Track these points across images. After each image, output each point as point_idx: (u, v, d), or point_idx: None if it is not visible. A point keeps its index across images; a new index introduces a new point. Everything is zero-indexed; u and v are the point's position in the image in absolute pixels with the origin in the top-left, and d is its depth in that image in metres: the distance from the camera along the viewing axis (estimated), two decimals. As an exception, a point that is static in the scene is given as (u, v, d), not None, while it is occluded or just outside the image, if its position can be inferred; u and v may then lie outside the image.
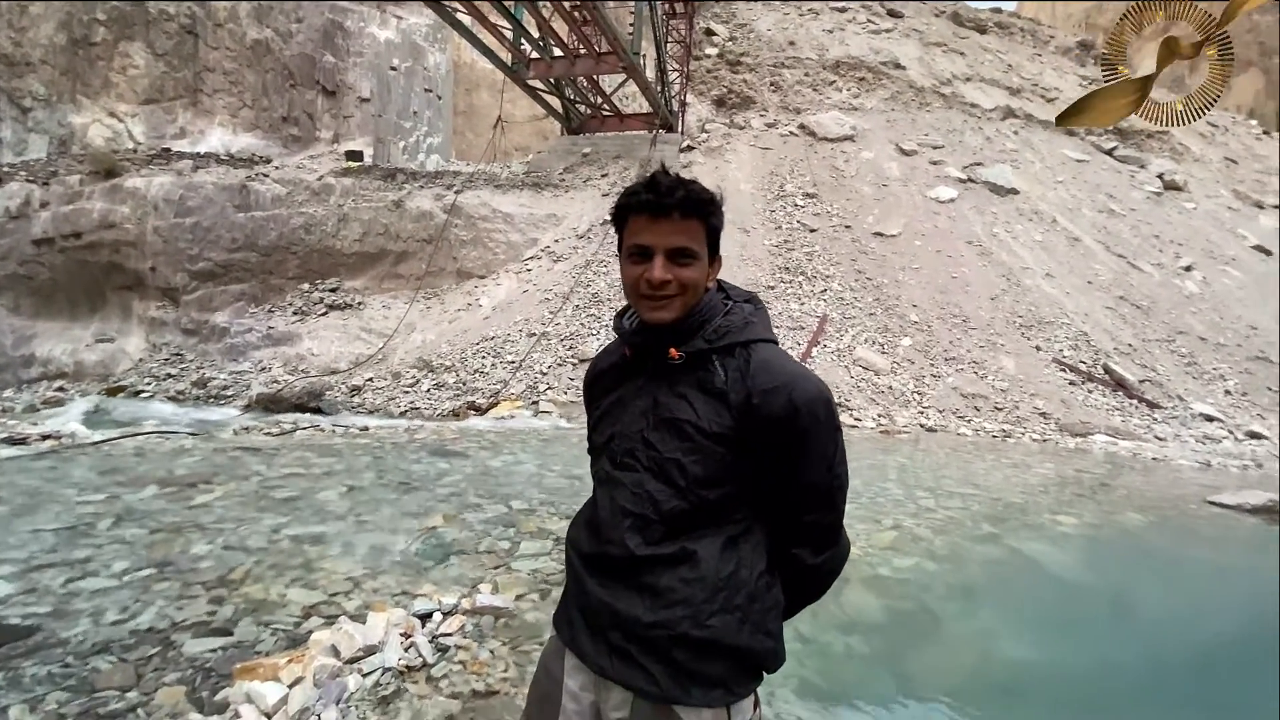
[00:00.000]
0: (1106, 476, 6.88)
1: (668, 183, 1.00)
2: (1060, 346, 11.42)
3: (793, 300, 11.73)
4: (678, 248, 1.00)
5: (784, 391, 0.98)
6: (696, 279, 1.01)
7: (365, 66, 16.93)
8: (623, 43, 12.66)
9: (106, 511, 3.48)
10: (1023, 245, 14.15)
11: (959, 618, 3.31)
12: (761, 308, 1.11)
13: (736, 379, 1.00)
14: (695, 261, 1.01)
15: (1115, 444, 8.75)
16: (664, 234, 1.00)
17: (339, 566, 2.94)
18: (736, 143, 16.53)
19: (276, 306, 12.15)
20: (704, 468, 0.99)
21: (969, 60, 22.51)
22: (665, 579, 0.99)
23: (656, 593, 0.99)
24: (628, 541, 1.01)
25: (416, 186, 13.21)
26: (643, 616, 0.99)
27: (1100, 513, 5.33)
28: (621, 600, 1.01)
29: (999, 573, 3.91)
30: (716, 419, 0.99)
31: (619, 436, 1.07)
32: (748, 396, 0.98)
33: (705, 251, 1.02)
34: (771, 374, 0.99)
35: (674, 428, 1.01)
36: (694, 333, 1.03)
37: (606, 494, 1.06)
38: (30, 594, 2.58)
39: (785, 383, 0.99)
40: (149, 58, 15.39)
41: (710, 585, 0.99)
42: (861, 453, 6.92)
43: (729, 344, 1.02)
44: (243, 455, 4.99)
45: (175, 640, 2.25)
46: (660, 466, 1.01)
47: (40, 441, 5.32)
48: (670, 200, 0.99)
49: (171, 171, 12.50)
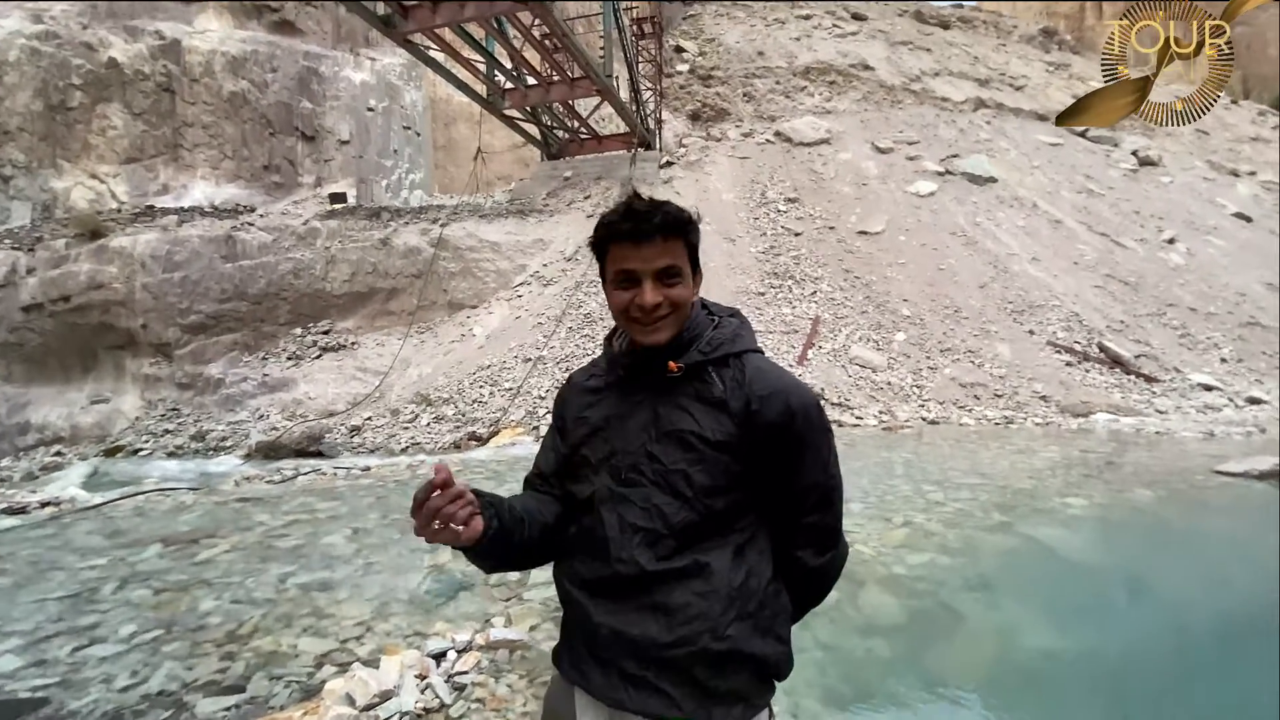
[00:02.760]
0: (1112, 455, 6.87)
1: (644, 207, 1.01)
2: (1053, 329, 11.47)
3: (784, 304, 11.78)
4: (664, 268, 1.01)
5: (781, 397, 1.01)
6: (686, 296, 1.03)
7: (343, 109, 17.10)
8: (594, 66, 12.83)
9: (110, 575, 3.44)
10: (1006, 232, 14.28)
11: (978, 611, 3.27)
12: (746, 321, 1.14)
13: (735, 387, 1.02)
14: (682, 280, 1.03)
15: (1117, 421, 8.76)
16: (649, 257, 1.01)
17: (349, 611, 2.91)
18: (715, 154, 16.71)
19: (270, 353, 12.13)
20: (710, 476, 1.00)
21: (936, 56, 22.88)
22: (679, 594, 0.98)
23: (670, 610, 0.98)
24: (639, 558, 0.99)
25: (402, 223, 13.27)
26: (659, 637, 0.97)
27: (1109, 492, 5.32)
28: (634, 625, 0.99)
29: (1014, 562, 3.89)
30: (718, 427, 1.00)
31: (621, 453, 1.05)
32: (747, 403, 1.00)
33: (689, 269, 1.04)
34: (768, 381, 1.03)
35: (677, 439, 1.01)
36: (688, 347, 1.05)
37: (611, 511, 1.03)
38: (38, 665, 2.54)
39: (782, 388, 1.02)
40: (127, 118, 15.49)
41: (724, 596, 0.99)
42: (865, 450, 6.90)
43: (723, 355, 1.04)
44: (245, 506, 4.95)
45: (188, 702, 2.21)
46: (666, 479, 1.01)
47: (40, 509, 5.27)
48: (650, 225, 1.00)
49: (157, 228, 12.53)
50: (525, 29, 12.05)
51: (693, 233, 1.04)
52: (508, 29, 12.03)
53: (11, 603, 3.15)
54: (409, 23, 11.01)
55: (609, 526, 1.03)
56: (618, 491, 1.04)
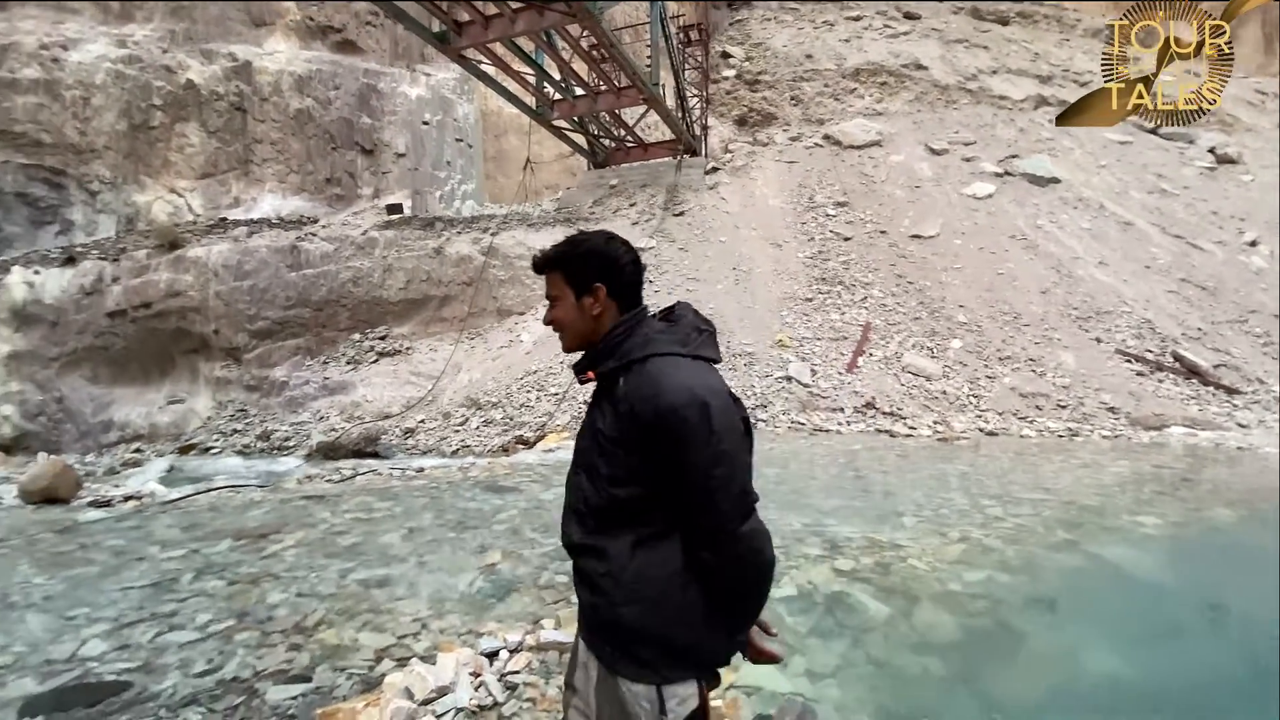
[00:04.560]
0: (1188, 471, 6.47)
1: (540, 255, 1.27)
2: (1123, 336, 10.89)
3: (832, 310, 11.57)
4: (549, 296, 1.26)
5: (652, 400, 1.09)
6: (562, 317, 1.25)
7: (399, 124, 17.74)
8: (642, 76, 12.94)
9: (188, 566, 3.66)
10: (1070, 235, 13.65)
11: (1040, 632, 3.14)
12: (680, 323, 1.22)
13: (627, 390, 1.14)
14: (560, 302, 1.25)
15: (1194, 435, 8.24)
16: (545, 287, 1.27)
17: (406, 608, 3.01)
18: (762, 159, 16.58)
19: (330, 358, 12.66)
20: (610, 468, 1.15)
21: (993, 53, 22.11)
22: (589, 566, 1.18)
23: (584, 578, 1.20)
24: (571, 531, 1.23)
25: (454, 232, 13.67)
26: (583, 598, 1.21)
27: (1185, 510, 5.02)
28: (577, 579, 1.23)
29: (1080, 582, 3.71)
30: (614, 425, 1.14)
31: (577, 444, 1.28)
32: (631, 405, 1.11)
33: (570, 292, 1.23)
34: (650, 383, 1.11)
35: (592, 433, 1.20)
36: (606, 356, 1.20)
37: (568, 489, 1.28)
38: (122, 650, 2.71)
39: (657, 391, 1.09)
40: (203, 136, 16.49)
41: (616, 579, 1.13)
42: (919, 462, 6.70)
43: (628, 361, 1.16)
44: (308, 504, 5.17)
45: (259, 689, 2.33)
46: (587, 467, 1.20)
47: (124, 503, 5.64)
48: (535, 267, 1.28)
49: (229, 239, 13.28)
50: (574, 41, 12.26)
51: (567, 263, 1.23)
52: (556, 41, 12.26)
53: (98, 590, 3.38)
54: (462, 39, 11.35)
55: (566, 502, 1.28)
56: (570, 475, 1.27)
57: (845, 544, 3.96)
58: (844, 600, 3.19)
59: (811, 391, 9.79)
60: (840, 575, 3.49)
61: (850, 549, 3.88)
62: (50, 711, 2.23)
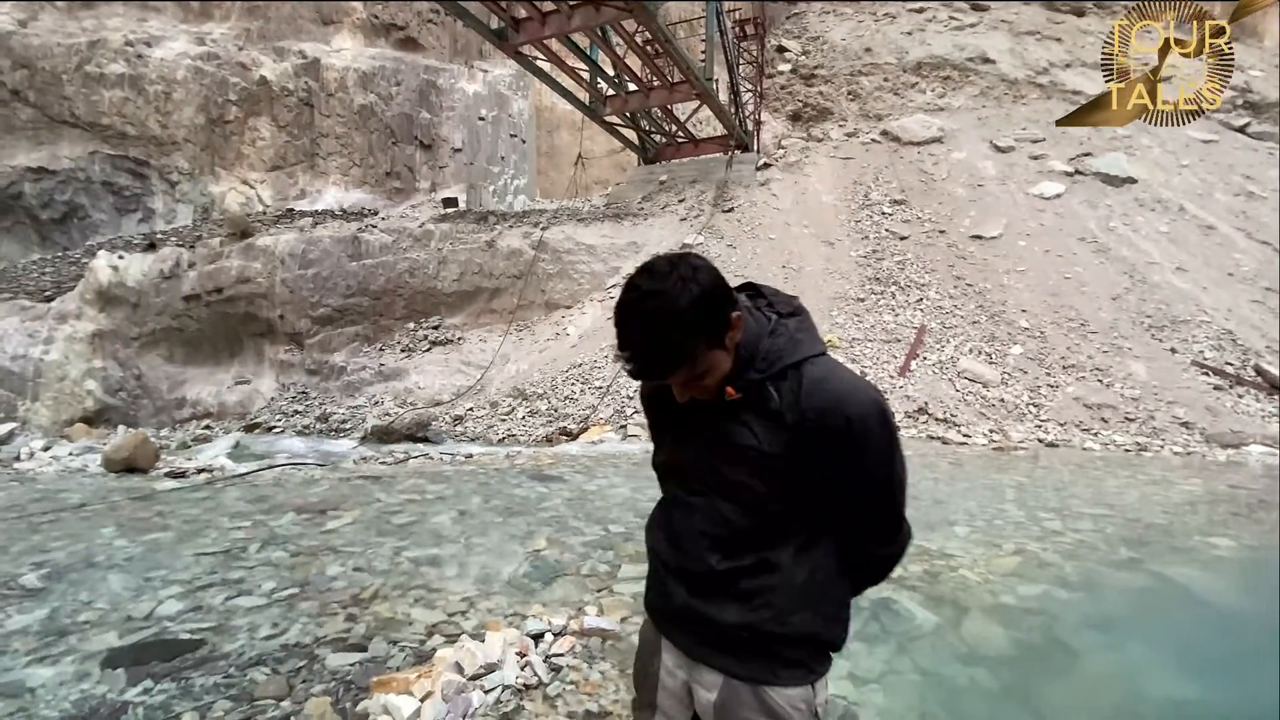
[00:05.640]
0: (1266, 492, 6.06)
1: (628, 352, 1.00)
2: (1200, 347, 10.25)
3: (885, 312, 11.29)
4: (681, 382, 1.06)
5: (838, 410, 1.02)
6: (719, 373, 1.05)
7: (456, 119, 18.19)
8: (695, 71, 12.88)
9: (254, 536, 3.87)
10: (1146, 238, 12.92)
11: (1099, 651, 3.01)
12: (805, 317, 1.13)
13: (791, 401, 1.04)
14: (710, 371, 1.03)
15: (1275, 455, 7.70)
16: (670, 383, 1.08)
17: (455, 587, 3.11)
18: (815, 155, 16.27)
19: (386, 345, 13.11)
20: (768, 485, 1.07)
21: (1067, 46, 21.04)
22: (746, 586, 1.10)
23: (741, 598, 1.10)
24: (708, 559, 1.11)
25: (506, 226, 13.94)
26: (729, 619, 1.10)
27: (1261, 533, 4.71)
28: (711, 606, 1.12)
29: (1144, 602, 3.53)
30: (774, 440, 1.04)
31: (689, 465, 1.15)
32: (803, 416, 1.03)
33: (708, 352, 1.01)
34: (825, 392, 1.03)
35: (739, 453, 1.07)
36: (746, 365, 1.06)
37: (684, 515, 1.16)
38: (196, 611, 2.89)
39: (837, 400, 1.03)
40: (273, 130, 17.30)
41: (789, 590, 1.09)
42: (972, 471, 6.49)
43: (780, 369, 1.06)
44: (364, 483, 5.39)
45: (319, 655, 2.46)
46: (730, 489, 1.09)
47: (196, 475, 6.00)
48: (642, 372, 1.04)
49: (295, 229, 13.90)
50: (628, 36, 12.31)
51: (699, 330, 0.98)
52: (611, 36, 12.34)
53: (175, 555, 3.61)
54: (520, 35, 11.56)
55: (680, 526, 1.16)
56: (687, 500, 1.15)
57: (893, 549, 3.87)
58: (890, 606, 3.13)
59: (860, 394, 9.57)
60: (888, 581, 3.41)
61: (898, 555, 3.79)
62: (130, 664, 2.40)
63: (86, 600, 2.99)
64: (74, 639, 2.60)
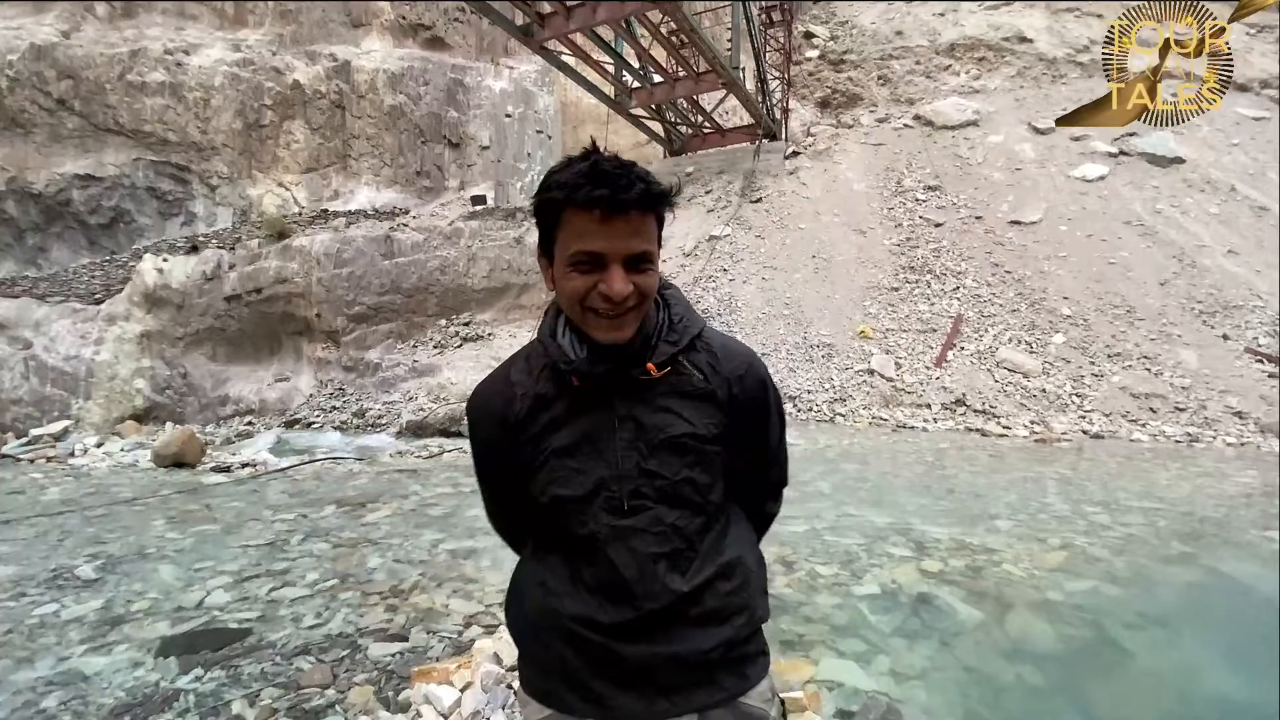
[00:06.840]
0: (1331, 484, 5.76)
1: (616, 169, 0.82)
2: (1254, 334, 9.79)
3: (920, 301, 11.04)
4: (638, 253, 0.84)
5: (753, 374, 0.98)
6: (654, 286, 0.88)
7: (484, 117, 18.33)
8: (721, 60, 12.73)
9: (297, 529, 3.97)
10: (1195, 220, 12.37)
11: (1152, 648, 2.90)
12: (675, 288, 1.02)
13: (712, 373, 0.94)
14: (653, 267, 0.87)
15: (1341, 445, 7.32)
16: (620, 237, 0.83)
17: (491, 579, 3.15)
18: (845, 142, 15.96)
19: (419, 342, 13.33)
20: (710, 474, 0.94)
21: (1109, 22, 20.22)
22: (712, 600, 0.93)
23: (712, 615, 0.93)
24: (671, 585, 0.90)
25: (534, 223, 14.00)
26: (701, 645, 0.91)
27: (1326, 527, 4.47)
28: (675, 643, 0.91)
29: (1198, 598, 3.39)
30: (710, 421, 0.93)
31: (610, 481, 0.90)
32: (729, 388, 0.95)
33: (659, 252, 0.88)
34: (737, 358, 0.98)
35: (673, 447, 0.91)
36: (652, 339, 0.92)
37: (622, 550, 0.90)
38: (243, 601, 2.99)
39: (749, 364, 0.99)
40: (307, 133, 17.67)
41: (753, 582, 1.00)
42: (1013, 464, 6.32)
43: (689, 340, 0.94)
44: (401, 477, 5.50)
45: (361, 644, 2.51)
46: (674, 492, 0.91)
47: (241, 469, 6.19)
48: (628, 196, 0.81)
49: (329, 229, 14.20)
50: (654, 27, 12.21)
51: (669, 208, 0.88)
52: (635, 28, 12.26)
53: (222, 546, 3.73)
54: (546, 30, 11.56)
55: (624, 568, 0.90)
56: (622, 526, 0.90)
57: (932, 545, 3.79)
58: (931, 602, 3.06)
59: (895, 386, 9.40)
60: (927, 576, 3.35)
61: (938, 550, 3.71)
62: (183, 652, 2.49)
63: (139, 590, 3.11)
64: (128, 628, 2.70)
